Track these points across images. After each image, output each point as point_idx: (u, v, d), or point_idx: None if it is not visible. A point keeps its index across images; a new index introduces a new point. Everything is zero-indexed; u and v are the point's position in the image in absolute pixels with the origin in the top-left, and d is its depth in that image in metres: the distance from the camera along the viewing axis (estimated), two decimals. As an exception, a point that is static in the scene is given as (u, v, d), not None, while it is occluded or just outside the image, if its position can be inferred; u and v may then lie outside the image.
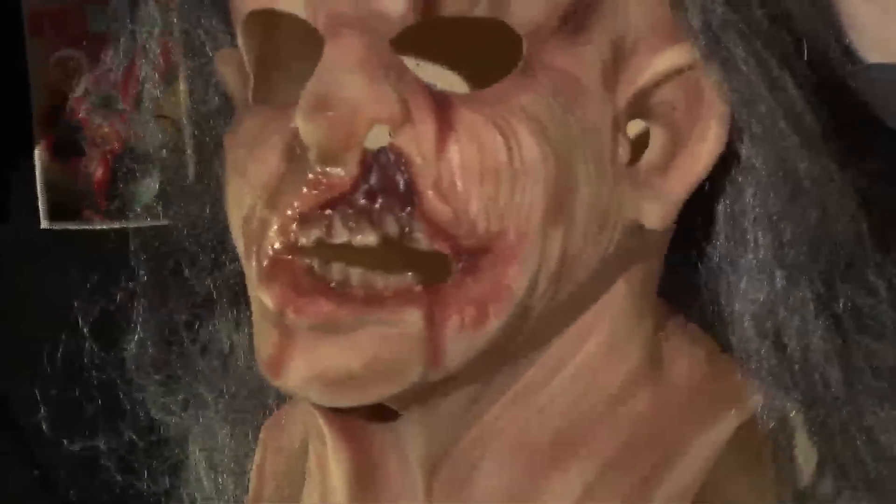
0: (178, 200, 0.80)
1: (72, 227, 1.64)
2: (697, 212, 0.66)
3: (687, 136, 0.64)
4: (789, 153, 0.63)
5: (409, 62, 0.63)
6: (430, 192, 0.60)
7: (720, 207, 0.66)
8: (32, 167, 1.68)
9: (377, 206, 0.60)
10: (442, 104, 0.61)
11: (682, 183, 0.64)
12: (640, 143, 0.64)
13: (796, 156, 0.63)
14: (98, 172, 1.60)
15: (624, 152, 0.63)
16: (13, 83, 1.65)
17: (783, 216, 0.64)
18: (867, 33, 0.75)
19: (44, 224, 1.67)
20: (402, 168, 0.60)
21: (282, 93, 0.65)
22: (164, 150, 0.82)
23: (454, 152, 0.60)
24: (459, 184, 0.60)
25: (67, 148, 1.62)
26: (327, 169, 0.61)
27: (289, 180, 0.62)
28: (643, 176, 0.64)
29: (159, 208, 0.84)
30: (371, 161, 0.60)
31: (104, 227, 1.62)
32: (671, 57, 0.63)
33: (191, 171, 0.79)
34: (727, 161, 0.64)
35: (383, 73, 0.61)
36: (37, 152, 1.68)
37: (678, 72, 0.63)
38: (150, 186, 0.86)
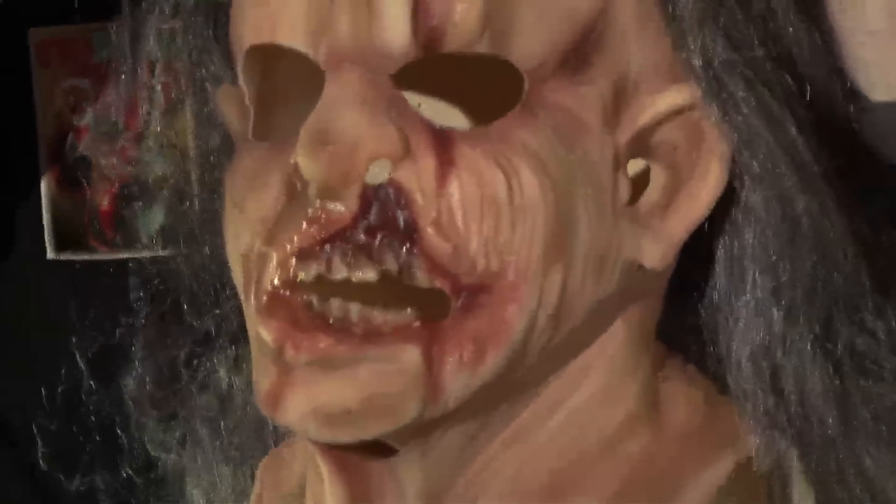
0: (179, 237, 0.80)
1: (78, 257, 1.64)
2: (697, 252, 0.66)
3: (687, 175, 0.64)
4: (789, 194, 0.63)
5: (410, 98, 0.63)
6: (431, 229, 0.60)
7: (720, 248, 0.66)
8: (39, 197, 1.68)
9: (377, 242, 0.60)
10: (443, 140, 0.61)
11: (682, 223, 0.64)
12: (640, 182, 0.64)
13: (796, 197, 0.63)
14: (104, 202, 1.60)
15: (624, 191, 0.63)
16: (20, 113, 1.66)
17: (782, 257, 0.64)
18: (871, 72, 0.75)
19: (50, 254, 1.67)
20: (403, 204, 0.60)
21: (282, 128, 0.65)
22: (169, 182, 0.82)
23: (455, 189, 0.60)
24: (460, 220, 0.60)
25: (74, 178, 1.62)
26: (327, 204, 0.60)
27: (288, 216, 0.62)
28: (643, 215, 0.64)
29: (163, 240, 0.84)
30: (371, 197, 0.60)
31: (110, 257, 1.62)
32: (672, 97, 0.63)
33: (195, 205, 0.79)
34: (727, 201, 0.64)
35: (384, 109, 0.61)
36: (43, 182, 1.68)
37: (679, 111, 0.64)
38: (156, 217, 0.86)
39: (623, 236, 0.63)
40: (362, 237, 0.60)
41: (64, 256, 1.67)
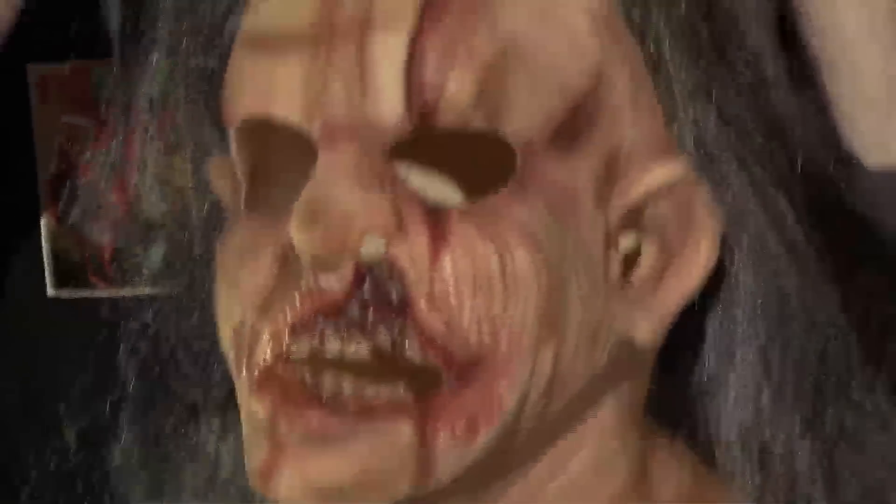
0: (175, 285, 0.80)
1: (78, 294, 1.64)
2: (687, 328, 0.66)
3: (678, 251, 0.64)
4: (779, 271, 0.64)
5: (404, 171, 0.63)
6: (423, 303, 0.60)
7: (710, 324, 0.66)
8: (39, 234, 1.67)
9: (369, 317, 0.61)
10: (436, 216, 0.61)
11: (672, 299, 0.64)
12: (631, 257, 0.64)
13: (786, 274, 0.64)
14: (105, 240, 1.60)
15: (615, 267, 0.63)
16: (20, 149, 1.66)
17: (771, 334, 0.64)
18: (866, 139, 0.75)
19: (50, 292, 1.66)
20: (395, 279, 0.60)
21: (274, 201, 0.65)
22: (167, 222, 0.82)
23: (447, 264, 0.60)
24: (452, 295, 0.60)
25: (74, 215, 1.62)
26: (320, 281, 0.61)
27: (281, 291, 0.62)
28: (634, 291, 0.64)
29: (164, 277, 0.84)
30: (364, 271, 0.61)
31: (110, 294, 1.61)
32: (664, 172, 0.63)
33: (196, 244, 0.79)
34: (718, 277, 0.64)
35: (377, 184, 0.61)
36: (43, 219, 1.67)
37: (671, 187, 0.64)
38: (155, 255, 0.86)
39: (614, 312, 0.63)
40: (355, 312, 0.61)
41: (64, 294, 1.67)
